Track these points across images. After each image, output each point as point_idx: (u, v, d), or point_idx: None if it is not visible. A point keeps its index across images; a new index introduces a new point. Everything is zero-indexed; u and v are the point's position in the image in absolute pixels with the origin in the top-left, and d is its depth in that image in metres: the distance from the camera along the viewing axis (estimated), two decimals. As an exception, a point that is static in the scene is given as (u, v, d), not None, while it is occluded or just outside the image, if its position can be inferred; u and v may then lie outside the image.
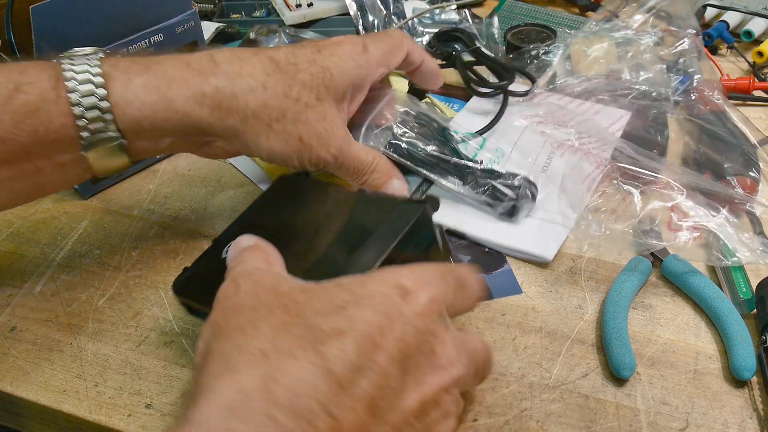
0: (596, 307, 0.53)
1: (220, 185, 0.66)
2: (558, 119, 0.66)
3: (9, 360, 0.51)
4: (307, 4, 0.83)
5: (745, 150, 0.61)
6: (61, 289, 0.56)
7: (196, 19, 0.63)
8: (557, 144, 0.65)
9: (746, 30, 0.82)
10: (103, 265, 0.58)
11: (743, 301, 0.52)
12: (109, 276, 0.57)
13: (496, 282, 0.55)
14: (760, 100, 0.75)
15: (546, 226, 0.59)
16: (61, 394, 0.49)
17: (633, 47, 0.73)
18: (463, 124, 0.67)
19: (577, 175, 0.60)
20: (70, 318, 0.54)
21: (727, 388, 0.48)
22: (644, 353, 0.50)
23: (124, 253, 0.59)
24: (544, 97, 0.71)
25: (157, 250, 0.59)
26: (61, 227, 0.62)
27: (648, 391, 0.48)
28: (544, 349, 0.50)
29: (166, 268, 0.57)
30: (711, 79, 0.70)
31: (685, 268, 0.54)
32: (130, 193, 0.65)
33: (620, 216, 0.55)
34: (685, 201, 0.55)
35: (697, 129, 0.64)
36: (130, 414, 0.47)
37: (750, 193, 0.58)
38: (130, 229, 0.62)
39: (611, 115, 0.68)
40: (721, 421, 0.46)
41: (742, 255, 0.52)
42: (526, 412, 0.46)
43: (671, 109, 0.67)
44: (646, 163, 0.57)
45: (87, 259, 0.59)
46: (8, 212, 0.64)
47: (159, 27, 0.61)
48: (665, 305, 0.53)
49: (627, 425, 0.46)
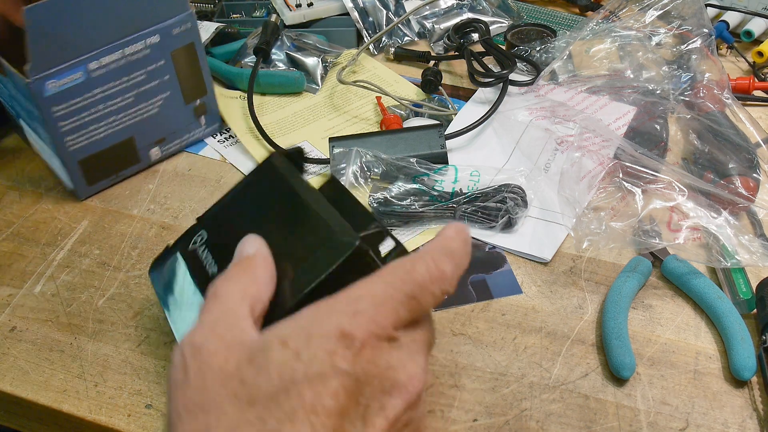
0: (596, 307, 0.53)
1: (220, 185, 0.66)
2: (562, 114, 0.66)
3: (9, 360, 0.51)
4: (307, 4, 0.83)
5: (750, 150, 0.61)
6: (61, 289, 0.56)
7: (193, 21, 0.62)
8: (560, 141, 0.65)
9: (746, 30, 0.82)
10: (103, 265, 0.58)
11: (743, 301, 0.52)
12: (109, 276, 0.57)
13: (496, 282, 0.55)
14: (760, 100, 0.75)
15: (545, 225, 0.59)
16: (61, 394, 0.49)
17: (635, 47, 0.73)
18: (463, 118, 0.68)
19: (575, 172, 0.60)
20: (70, 318, 0.54)
21: (727, 388, 0.48)
22: (644, 353, 0.50)
23: (124, 253, 0.59)
24: (549, 89, 0.71)
25: (157, 250, 0.59)
26: (61, 227, 0.62)
27: (648, 391, 0.48)
28: (544, 349, 0.50)
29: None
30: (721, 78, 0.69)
31: (685, 268, 0.54)
32: (130, 193, 0.65)
33: (621, 214, 0.55)
34: (686, 202, 0.55)
35: (701, 127, 0.64)
36: (130, 414, 0.47)
37: (752, 193, 0.58)
38: (130, 229, 0.62)
39: (618, 110, 0.68)
40: (721, 421, 0.46)
41: (741, 257, 0.52)
42: (526, 412, 0.46)
43: (673, 107, 0.67)
44: (649, 163, 0.57)
45: (87, 259, 0.59)
46: (8, 212, 0.64)
47: (155, 28, 0.60)
48: (665, 305, 0.53)
49: (627, 425, 0.46)
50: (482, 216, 0.59)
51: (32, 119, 0.61)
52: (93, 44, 0.57)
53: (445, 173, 0.63)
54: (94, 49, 0.58)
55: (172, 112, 0.66)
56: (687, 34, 0.72)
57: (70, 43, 0.56)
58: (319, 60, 0.78)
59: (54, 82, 0.56)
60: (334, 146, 0.64)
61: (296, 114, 0.74)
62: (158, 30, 0.61)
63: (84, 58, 0.57)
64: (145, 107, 0.64)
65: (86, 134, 0.61)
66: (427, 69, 0.76)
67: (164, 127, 0.66)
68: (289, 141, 0.70)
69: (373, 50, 0.83)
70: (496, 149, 0.67)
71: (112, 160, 0.64)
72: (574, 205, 0.57)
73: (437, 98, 0.75)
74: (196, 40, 0.64)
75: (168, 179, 0.67)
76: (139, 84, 0.62)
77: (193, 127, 0.69)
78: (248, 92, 0.73)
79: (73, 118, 0.59)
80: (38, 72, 0.55)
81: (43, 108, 0.57)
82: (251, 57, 0.78)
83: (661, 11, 0.73)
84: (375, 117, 0.73)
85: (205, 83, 0.67)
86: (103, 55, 0.58)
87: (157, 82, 0.63)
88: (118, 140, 0.63)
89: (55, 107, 0.58)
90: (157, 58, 0.62)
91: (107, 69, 0.59)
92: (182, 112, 0.67)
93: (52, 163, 0.66)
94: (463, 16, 0.85)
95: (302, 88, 0.77)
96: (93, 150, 0.62)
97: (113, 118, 0.62)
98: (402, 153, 0.63)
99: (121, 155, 0.65)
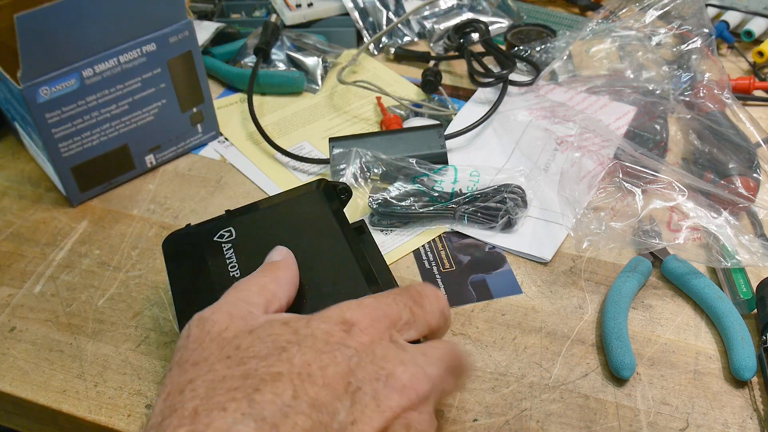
0: (596, 307, 0.53)
1: (220, 185, 0.66)
2: (562, 114, 0.66)
3: (9, 360, 0.51)
4: (307, 4, 0.83)
5: (750, 150, 0.61)
6: (61, 289, 0.56)
7: (191, 29, 0.62)
8: (560, 141, 0.65)
9: (746, 30, 0.82)
10: (103, 265, 0.58)
11: (743, 301, 0.52)
12: (109, 276, 0.57)
13: (496, 282, 0.55)
14: (761, 100, 0.75)
15: (545, 225, 0.59)
16: (61, 394, 0.49)
17: (635, 47, 0.73)
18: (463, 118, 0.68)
19: (575, 172, 0.60)
20: (70, 318, 0.54)
21: (728, 388, 0.48)
22: (644, 353, 0.50)
23: (124, 253, 0.59)
24: (549, 89, 0.71)
25: (157, 250, 0.59)
26: (61, 227, 0.62)
27: (648, 391, 0.48)
28: (544, 349, 0.50)
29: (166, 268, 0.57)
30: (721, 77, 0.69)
31: (686, 268, 0.54)
32: (130, 193, 0.65)
33: (621, 214, 0.55)
34: (686, 202, 0.55)
35: (701, 127, 0.64)
36: (130, 414, 0.47)
37: (752, 193, 0.58)
38: (130, 229, 0.62)
39: (618, 110, 0.68)
40: (722, 422, 0.46)
41: (741, 257, 0.52)
42: (526, 412, 0.46)
43: (673, 107, 0.67)
44: (649, 163, 0.57)
45: (87, 259, 0.59)
46: (8, 212, 0.64)
47: (151, 36, 0.59)
48: (665, 305, 0.53)
49: (627, 425, 0.46)
50: (482, 216, 0.59)
51: (26, 124, 0.61)
52: (87, 51, 0.57)
53: (445, 173, 0.63)
54: (88, 57, 0.57)
55: (167, 120, 0.65)
56: (687, 34, 0.72)
57: (63, 50, 0.55)
58: (319, 60, 0.78)
59: (47, 89, 0.56)
60: (334, 146, 0.64)
61: (296, 114, 0.74)
62: (154, 38, 0.60)
63: (78, 65, 0.57)
64: (140, 115, 0.63)
65: (80, 141, 0.61)
66: (427, 69, 0.76)
67: (159, 134, 0.66)
68: (289, 141, 0.70)
69: (373, 50, 0.83)
70: (496, 149, 0.67)
71: (105, 167, 0.64)
72: (574, 205, 0.57)
73: (437, 98, 0.75)
74: (194, 48, 0.63)
75: (168, 179, 0.67)
76: (134, 92, 0.62)
77: (190, 135, 0.68)
78: (248, 92, 0.73)
79: (67, 124, 0.59)
80: (30, 79, 0.55)
81: (36, 114, 0.56)
82: (251, 57, 0.78)
83: (661, 11, 0.73)
84: (375, 117, 0.73)
85: (202, 91, 0.67)
86: (97, 62, 0.58)
87: (153, 90, 0.63)
88: (112, 147, 0.63)
89: (48, 114, 0.57)
90: (153, 66, 0.61)
91: (102, 76, 0.58)
92: (178, 120, 0.66)
93: (45, 168, 0.66)
94: (463, 17, 0.85)
95: (302, 88, 0.77)
96: (86, 157, 0.62)
97: (107, 126, 0.61)
98: (402, 153, 0.63)
99: (115, 162, 0.64)
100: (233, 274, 0.46)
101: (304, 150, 0.69)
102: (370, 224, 0.59)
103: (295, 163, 0.67)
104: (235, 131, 0.72)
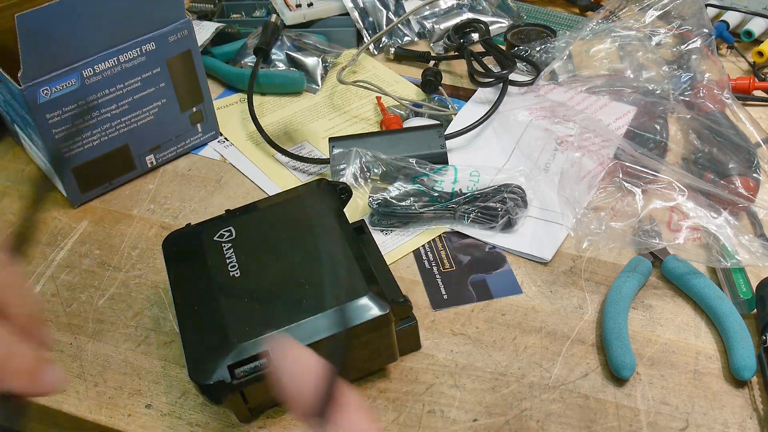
0: (596, 307, 0.53)
1: (220, 185, 0.66)
2: (562, 114, 0.66)
3: (9, 360, 0.51)
4: (307, 4, 0.83)
5: (750, 150, 0.61)
6: (61, 289, 0.56)
7: (189, 28, 0.62)
8: (560, 141, 0.65)
9: (746, 30, 0.82)
10: (103, 265, 0.58)
11: (743, 301, 0.52)
12: (109, 276, 0.57)
13: (496, 282, 0.55)
14: (760, 100, 0.75)
15: (545, 225, 0.59)
16: (61, 394, 0.49)
17: (635, 47, 0.73)
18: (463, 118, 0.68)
19: (575, 172, 0.60)
20: (70, 318, 0.54)
21: (727, 388, 0.48)
22: (644, 353, 0.50)
23: (124, 253, 0.59)
24: (549, 89, 0.71)
25: (157, 250, 0.59)
26: (61, 227, 0.62)
27: (648, 391, 0.48)
28: (544, 349, 0.50)
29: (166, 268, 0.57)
30: (721, 77, 0.69)
31: (686, 268, 0.54)
32: (130, 193, 0.65)
33: (621, 214, 0.55)
34: (686, 202, 0.55)
35: (701, 127, 0.64)
36: (130, 414, 0.47)
37: (752, 193, 0.58)
38: (130, 229, 0.62)
39: (618, 110, 0.68)
40: (721, 421, 0.46)
41: (741, 257, 0.52)
42: (526, 412, 0.46)
43: (673, 107, 0.67)
44: (649, 163, 0.57)
45: (87, 259, 0.59)
46: (8, 212, 0.64)
47: (150, 36, 0.60)
48: (665, 305, 0.53)
49: (627, 425, 0.46)
50: (482, 216, 0.59)
51: (26, 125, 0.61)
52: (87, 51, 0.57)
53: (445, 173, 0.63)
54: (88, 56, 0.57)
55: (167, 119, 0.65)
56: (687, 34, 0.72)
57: (63, 50, 0.56)
58: (319, 60, 0.78)
59: (47, 89, 0.56)
60: (334, 146, 0.64)
61: (296, 114, 0.74)
62: (154, 37, 0.60)
63: (78, 65, 0.57)
64: (140, 115, 0.63)
65: (80, 141, 0.61)
66: (427, 69, 0.76)
67: (159, 134, 0.66)
68: (289, 141, 0.70)
69: (373, 50, 0.83)
70: (496, 149, 0.67)
71: (106, 167, 0.64)
72: (574, 205, 0.57)
73: (437, 98, 0.75)
74: (193, 47, 0.63)
75: (168, 179, 0.67)
76: (134, 91, 0.62)
77: (189, 134, 0.68)
78: (248, 92, 0.73)
79: (67, 125, 0.59)
80: (30, 79, 0.55)
81: (37, 115, 0.57)
82: (251, 57, 0.78)
83: (661, 11, 0.73)
84: (375, 117, 0.73)
85: (201, 91, 0.67)
86: (97, 62, 0.58)
87: (153, 90, 0.63)
88: (112, 147, 0.63)
89: (49, 114, 0.57)
90: (152, 65, 0.61)
91: (102, 76, 0.59)
92: (178, 120, 0.67)
93: (46, 169, 0.66)
94: (463, 16, 0.85)
95: (302, 88, 0.77)
96: (87, 157, 0.62)
97: (108, 126, 0.62)
98: (402, 153, 0.63)
99: (116, 163, 0.64)
100: (233, 274, 0.46)
101: (304, 150, 0.69)
102: (370, 224, 0.59)
103: (295, 163, 0.67)
104: (235, 131, 0.72)
